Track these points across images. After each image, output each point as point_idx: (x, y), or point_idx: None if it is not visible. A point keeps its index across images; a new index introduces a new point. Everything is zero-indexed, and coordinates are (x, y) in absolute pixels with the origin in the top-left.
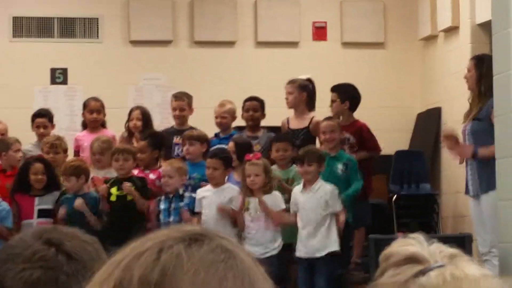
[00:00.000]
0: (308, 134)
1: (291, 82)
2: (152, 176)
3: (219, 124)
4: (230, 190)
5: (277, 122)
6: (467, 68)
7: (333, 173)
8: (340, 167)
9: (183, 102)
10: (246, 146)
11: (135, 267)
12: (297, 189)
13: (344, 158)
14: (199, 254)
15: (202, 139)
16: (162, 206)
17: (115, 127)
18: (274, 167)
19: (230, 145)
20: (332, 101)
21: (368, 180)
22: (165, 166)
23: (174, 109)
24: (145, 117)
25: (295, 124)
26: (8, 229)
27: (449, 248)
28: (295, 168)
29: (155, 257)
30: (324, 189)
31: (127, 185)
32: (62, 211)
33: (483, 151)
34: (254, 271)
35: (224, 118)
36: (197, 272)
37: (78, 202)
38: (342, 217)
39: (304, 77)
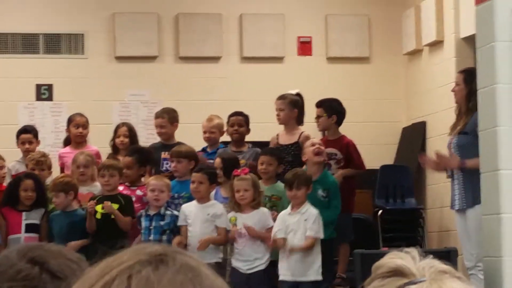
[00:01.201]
0: (298, 149)
1: (282, 98)
2: (139, 192)
3: (207, 139)
4: (215, 207)
5: (262, 137)
6: (455, 82)
7: (314, 197)
8: (320, 193)
9: (163, 120)
10: (233, 161)
11: None
12: (285, 212)
13: (326, 183)
14: (167, 276)
15: (190, 155)
16: (143, 224)
17: (100, 143)
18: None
19: (217, 161)
20: (318, 117)
21: (351, 195)
22: (155, 181)
23: (156, 127)
24: (132, 134)
25: (285, 140)
26: None
27: (442, 264)
28: (281, 185)
29: (126, 285)
30: (310, 212)
31: (107, 204)
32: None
33: (470, 162)
34: (217, 284)
35: (213, 133)
36: None
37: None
38: (309, 242)
39: (293, 92)
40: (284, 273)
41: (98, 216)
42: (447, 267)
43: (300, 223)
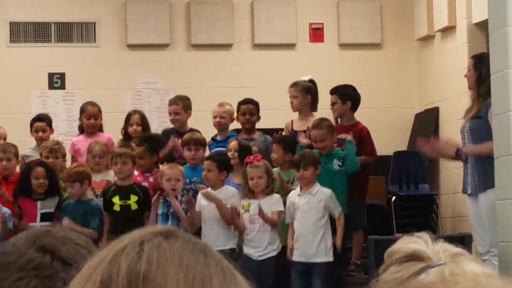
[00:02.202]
0: None
1: (294, 85)
2: (151, 179)
3: (217, 124)
4: (228, 192)
5: (274, 124)
6: (467, 67)
7: (329, 170)
8: (336, 161)
9: (177, 106)
10: (247, 148)
11: (120, 260)
12: (293, 193)
13: (339, 153)
14: (178, 244)
15: (205, 143)
16: (160, 210)
17: (113, 131)
18: (275, 170)
19: (233, 144)
20: (333, 103)
21: (364, 181)
22: (170, 169)
23: (169, 114)
24: (144, 122)
25: (299, 126)
26: (10, 231)
27: (454, 247)
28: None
29: (138, 249)
30: (322, 192)
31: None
32: (65, 222)
33: (468, 149)
34: (225, 260)
35: (223, 118)
36: (181, 259)
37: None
38: (341, 220)
39: (306, 78)
40: (297, 253)
41: (117, 208)
42: (460, 249)
43: (311, 205)
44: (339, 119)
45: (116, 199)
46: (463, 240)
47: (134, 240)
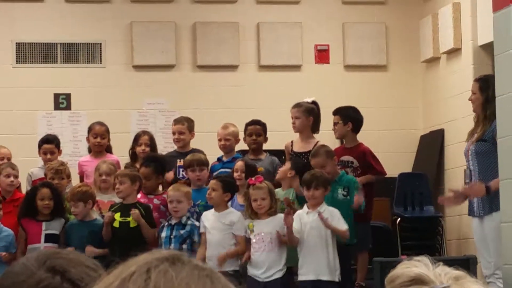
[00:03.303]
0: None
1: (297, 106)
2: (156, 201)
3: (223, 147)
4: (232, 215)
5: (279, 146)
6: (471, 90)
7: (334, 198)
8: (340, 191)
9: (182, 126)
10: (253, 168)
11: (128, 287)
12: (301, 212)
13: (344, 181)
14: (185, 270)
15: (207, 163)
16: (164, 234)
17: (118, 152)
18: (277, 190)
19: (240, 165)
20: (335, 124)
21: (370, 203)
22: (172, 191)
23: (173, 133)
24: (152, 143)
25: (299, 147)
26: (11, 254)
27: (454, 270)
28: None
29: (145, 277)
30: (329, 210)
31: (135, 212)
32: (89, 249)
33: (495, 184)
34: (232, 285)
35: (228, 140)
36: (188, 286)
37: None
38: (346, 235)
39: (309, 100)
40: (304, 272)
41: (116, 224)
42: (460, 272)
43: (319, 221)
44: (343, 140)
45: (117, 216)
46: (468, 262)
47: (141, 266)
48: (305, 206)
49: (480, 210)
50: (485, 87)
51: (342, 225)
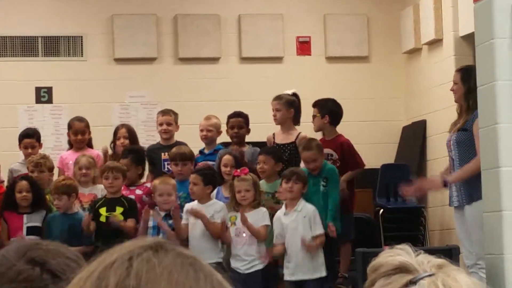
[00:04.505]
0: (294, 149)
1: (278, 98)
2: (138, 191)
3: (204, 137)
4: (217, 206)
5: (262, 138)
6: (453, 81)
7: (317, 190)
8: (322, 183)
9: (170, 117)
10: (240, 160)
11: (109, 275)
12: (279, 213)
13: (325, 171)
14: (168, 259)
15: (192, 157)
16: (151, 223)
17: (99, 144)
18: (261, 182)
19: (228, 158)
20: (313, 116)
21: (352, 194)
22: (162, 185)
23: (161, 124)
24: (132, 135)
25: (281, 139)
26: None
27: (437, 258)
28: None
29: (127, 265)
30: (306, 209)
31: (113, 219)
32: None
33: (454, 177)
34: (215, 273)
35: (210, 131)
36: (171, 275)
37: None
38: (321, 240)
39: (289, 92)
40: (289, 272)
41: (102, 219)
42: (443, 260)
43: (298, 221)
44: (323, 133)
45: (103, 211)
46: (451, 253)
47: (123, 254)
48: (282, 207)
49: (460, 200)
50: (466, 77)
51: (317, 229)
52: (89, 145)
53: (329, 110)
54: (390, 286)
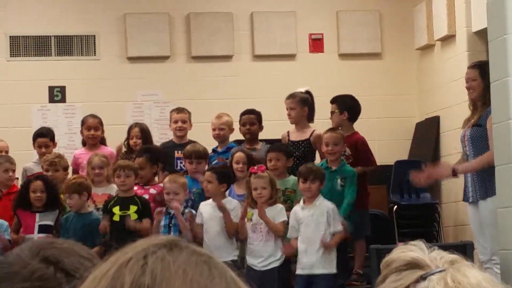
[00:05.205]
0: (308, 146)
1: (291, 97)
2: (152, 191)
3: (216, 136)
4: (230, 205)
5: (275, 135)
6: (470, 77)
7: (333, 188)
8: (339, 182)
9: (185, 115)
10: (252, 158)
11: (124, 274)
12: (297, 207)
13: (344, 172)
14: (182, 257)
15: (207, 155)
16: (163, 222)
17: (113, 143)
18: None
19: (242, 157)
20: (332, 113)
21: (366, 190)
22: (169, 183)
23: (175, 122)
24: (145, 134)
25: (296, 137)
26: (9, 242)
27: (450, 254)
28: (294, 179)
29: (142, 263)
30: (326, 205)
31: (129, 223)
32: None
33: (464, 167)
34: (229, 270)
35: (222, 129)
36: (186, 273)
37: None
38: (339, 237)
39: (302, 89)
40: (301, 267)
41: (116, 218)
42: (456, 256)
43: (315, 216)
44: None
45: (116, 210)
46: (465, 249)
47: (138, 253)
48: (301, 201)
49: (475, 196)
50: (484, 73)
51: (335, 226)
52: (103, 143)
53: (348, 106)
54: (401, 282)
